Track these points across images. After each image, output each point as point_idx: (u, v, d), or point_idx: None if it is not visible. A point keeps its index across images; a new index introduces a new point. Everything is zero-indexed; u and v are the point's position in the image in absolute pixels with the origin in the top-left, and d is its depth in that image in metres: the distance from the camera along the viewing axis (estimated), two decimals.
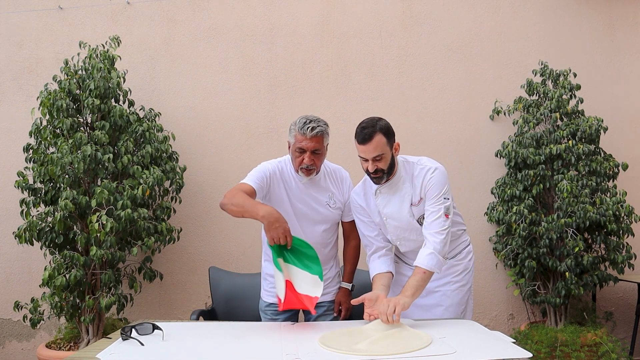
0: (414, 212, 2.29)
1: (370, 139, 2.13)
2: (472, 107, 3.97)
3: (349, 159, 3.78)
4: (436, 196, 2.23)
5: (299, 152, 2.33)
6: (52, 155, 3.14)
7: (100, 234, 3.02)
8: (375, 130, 2.13)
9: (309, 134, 2.29)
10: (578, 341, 3.25)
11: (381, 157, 2.16)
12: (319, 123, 2.33)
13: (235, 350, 1.80)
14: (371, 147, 2.13)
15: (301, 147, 2.31)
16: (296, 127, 2.32)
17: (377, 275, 2.30)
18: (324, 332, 1.96)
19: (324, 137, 2.34)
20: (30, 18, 3.97)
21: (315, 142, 2.30)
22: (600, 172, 3.51)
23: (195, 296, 3.87)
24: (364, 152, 2.16)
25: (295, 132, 2.32)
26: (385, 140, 2.15)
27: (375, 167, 2.17)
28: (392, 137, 2.20)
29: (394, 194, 2.30)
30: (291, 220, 2.40)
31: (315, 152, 2.32)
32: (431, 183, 2.23)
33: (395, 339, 1.84)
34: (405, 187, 2.28)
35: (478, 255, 3.86)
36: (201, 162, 3.92)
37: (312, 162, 2.32)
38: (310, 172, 2.36)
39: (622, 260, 3.43)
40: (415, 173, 2.28)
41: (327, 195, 2.47)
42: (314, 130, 2.29)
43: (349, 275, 2.57)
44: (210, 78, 3.96)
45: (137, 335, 1.94)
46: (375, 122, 2.16)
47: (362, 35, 3.99)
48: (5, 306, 3.82)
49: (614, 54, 4.00)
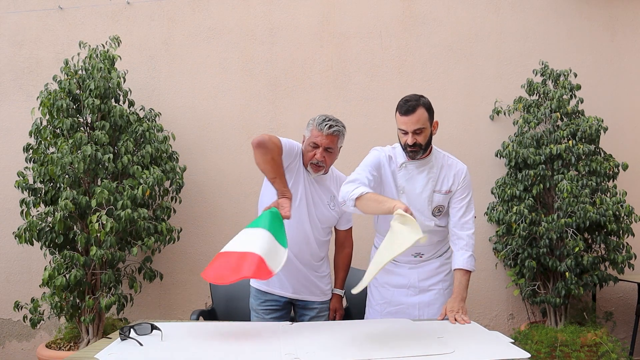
0: (434, 199, 2.33)
1: (414, 111, 2.19)
2: (472, 107, 3.97)
3: (349, 158, 3.78)
4: (468, 195, 2.34)
5: (312, 147, 2.36)
6: (52, 155, 3.14)
7: (100, 234, 3.02)
8: (419, 104, 2.20)
9: (325, 130, 2.33)
10: (578, 341, 3.24)
11: (421, 130, 2.21)
12: (338, 123, 2.37)
13: (234, 350, 1.80)
14: (414, 119, 2.19)
15: (316, 142, 2.35)
16: (315, 122, 2.37)
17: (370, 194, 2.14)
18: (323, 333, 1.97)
19: (340, 137, 2.39)
20: (30, 18, 3.97)
21: (330, 140, 2.34)
22: (600, 172, 3.51)
23: (195, 296, 3.87)
24: (405, 123, 2.21)
25: (312, 127, 2.37)
26: (427, 115, 2.22)
27: (414, 140, 2.21)
28: (432, 114, 2.26)
29: (420, 173, 2.33)
30: (301, 206, 2.42)
31: (328, 150, 2.36)
32: (465, 183, 2.35)
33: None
34: (433, 171, 2.33)
35: (478, 255, 3.83)
36: (201, 162, 3.92)
37: (323, 159, 2.36)
38: (319, 169, 2.38)
39: (622, 260, 3.43)
40: (446, 164, 2.35)
41: (329, 196, 2.49)
42: (332, 128, 2.33)
43: (341, 282, 2.61)
44: (210, 78, 3.97)
45: (136, 336, 1.94)
46: (419, 97, 2.23)
47: (362, 35, 3.99)
48: (5, 306, 3.82)
49: (614, 54, 4.00)
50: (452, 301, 2.24)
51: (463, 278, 2.28)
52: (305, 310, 2.56)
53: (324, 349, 1.79)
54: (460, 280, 2.28)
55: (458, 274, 2.29)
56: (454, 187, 2.33)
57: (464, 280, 2.28)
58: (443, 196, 2.34)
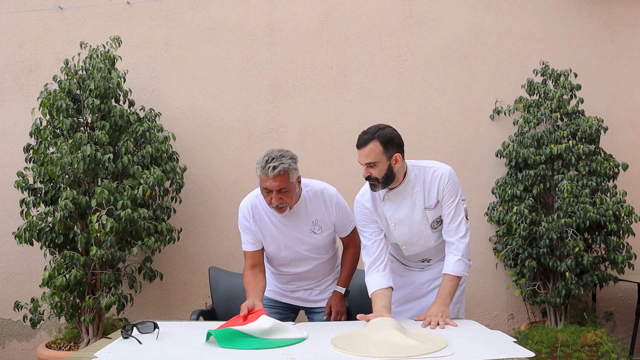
0: (428, 216, 2.28)
1: (365, 145, 2.14)
2: (472, 107, 3.97)
3: (348, 158, 3.78)
4: (454, 199, 2.25)
5: (266, 192, 2.25)
6: (52, 155, 3.14)
7: (100, 234, 3.02)
8: (372, 138, 2.13)
9: (270, 174, 2.18)
10: (578, 341, 3.24)
11: (374, 164, 2.14)
12: (282, 160, 2.19)
13: (232, 350, 1.80)
14: (364, 153, 2.14)
15: (266, 187, 2.22)
16: (259, 166, 2.22)
17: (377, 292, 2.20)
18: (322, 332, 1.96)
19: (289, 173, 2.21)
20: (30, 18, 3.97)
21: (280, 181, 2.19)
22: (600, 172, 3.51)
23: (195, 296, 3.87)
24: (359, 156, 2.17)
25: (259, 172, 2.22)
26: (381, 149, 2.13)
27: (368, 173, 2.16)
28: (391, 148, 2.15)
29: (403, 200, 2.27)
30: (282, 250, 2.42)
31: (282, 191, 2.21)
32: (449, 186, 2.24)
33: (412, 340, 1.80)
34: (416, 191, 2.26)
35: (478, 255, 3.86)
36: (201, 162, 3.92)
37: (281, 200, 2.23)
38: (282, 210, 2.28)
39: (622, 260, 3.43)
40: (427, 177, 2.26)
41: (311, 222, 2.39)
42: (276, 169, 2.17)
43: (344, 279, 2.53)
44: (210, 78, 3.96)
45: (138, 334, 1.94)
46: (376, 130, 2.15)
47: (362, 35, 3.99)
48: (5, 306, 3.82)
49: (614, 54, 4.00)
50: (433, 306, 2.19)
51: (448, 284, 2.22)
52: (311, 315, 2.60)
53: (321, 349, 1.79)
54: (444, 286, 2.22)
55: (444, 279, 2.24)
56: (440, 195, 2.26)
57: (449, 286, 2.21)
58: (434, 211, 2.28)
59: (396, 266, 2.50)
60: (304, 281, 2.54)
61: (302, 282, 2.54)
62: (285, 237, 2.39)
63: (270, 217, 2.38)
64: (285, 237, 2.39)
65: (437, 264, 2.44)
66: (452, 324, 2.09)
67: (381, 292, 2.19)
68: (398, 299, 2.44)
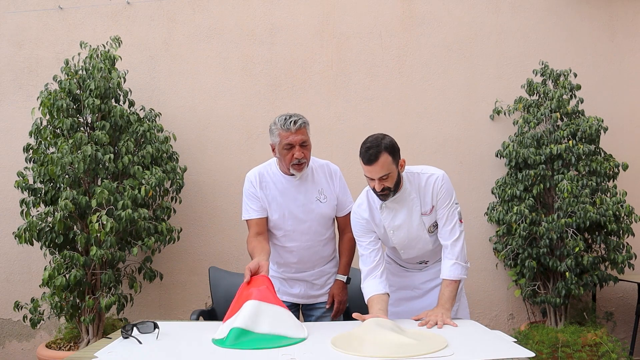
0: (425, 222, 2.28)
1: (376, 159, 2.07)
2: (472, 107, 3.97)
3: (349, 158, 3.78)
4: (448, 203, 2.25)
5: (287, 149, 2.32)
6: (52, 155, 3.14)
7: (101, 234, 3.02)
8: (381, 150, 2.08)
9: (293, 128, 2.29)
10: (579, 341, 3.24)
11: (388, 176, 2.12)
12: (299, 116, 2.35)
13: (232, 350, 1.80)
14: (377, 168, 2.09)
15: (289, 142, 2.30)
16: (277, 125, 2.32)
17: (374, 297, 2.20)
18: (322, 332, 1.96)
19: (307, 128, 2.36)
20: (30, 18, 3.97)
21: (302, 135, 2.31)
22: (600, 172, 3.51)
23: (195, 296, 3.87)
24: (370, 172, 2.11)
25: (278, 131, 2.31)
26: (390, 159, 2.10)
27: (382, 186, 2.13)
28: (397, 155, 2.14)
29: (401, 207, 2.26)
30: (287, 219, 2.43)
31: (303, 145, 2.33)
32: (443, 191, 2.24)
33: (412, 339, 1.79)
34: (412, 198, 2.26)
35: (478, 255, 3.87)
36: (201, 162, 3.92)
37: (303, 155, 2.33)
38: (302, 166, 2.36)
39: (622, 260, 3.43)
40: (422, 183, 2.26)
41: (317, 190, 2.47)
42: (297, 123, 2.30)
43: (344, 267, 2.56)
44: (210, 78, 3.96)
45: (138, 334, 1.94)
46: (380, 141, 2.10)
47: (362, 35, 3.99)
48: (5, 306, 3.82)
49: (614, 54, 4.00)
50: (432, 310, 2.18)
51: (446, 289, 2.21)
52: (311, 311, 2.59)
53: (321, 349, 1.79)
54: (443, 291, 2.21)
55: (442, 285, 2.24)
56: (435, 200, 2.25)
57: (447, 291, 2.20)
58: (430, 216, 2.28)
59: (394, 267, 2.50)
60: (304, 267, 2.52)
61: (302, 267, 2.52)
62: (291, 203, 2.43)
63: (277, 185, 2.44)
64: (290, 204, 2.43)
65: (434, 265, 2.45)
66: (452, 324, 2.09)
67: (378, 297, 2.20)
68: (396, 299, 2.44)
